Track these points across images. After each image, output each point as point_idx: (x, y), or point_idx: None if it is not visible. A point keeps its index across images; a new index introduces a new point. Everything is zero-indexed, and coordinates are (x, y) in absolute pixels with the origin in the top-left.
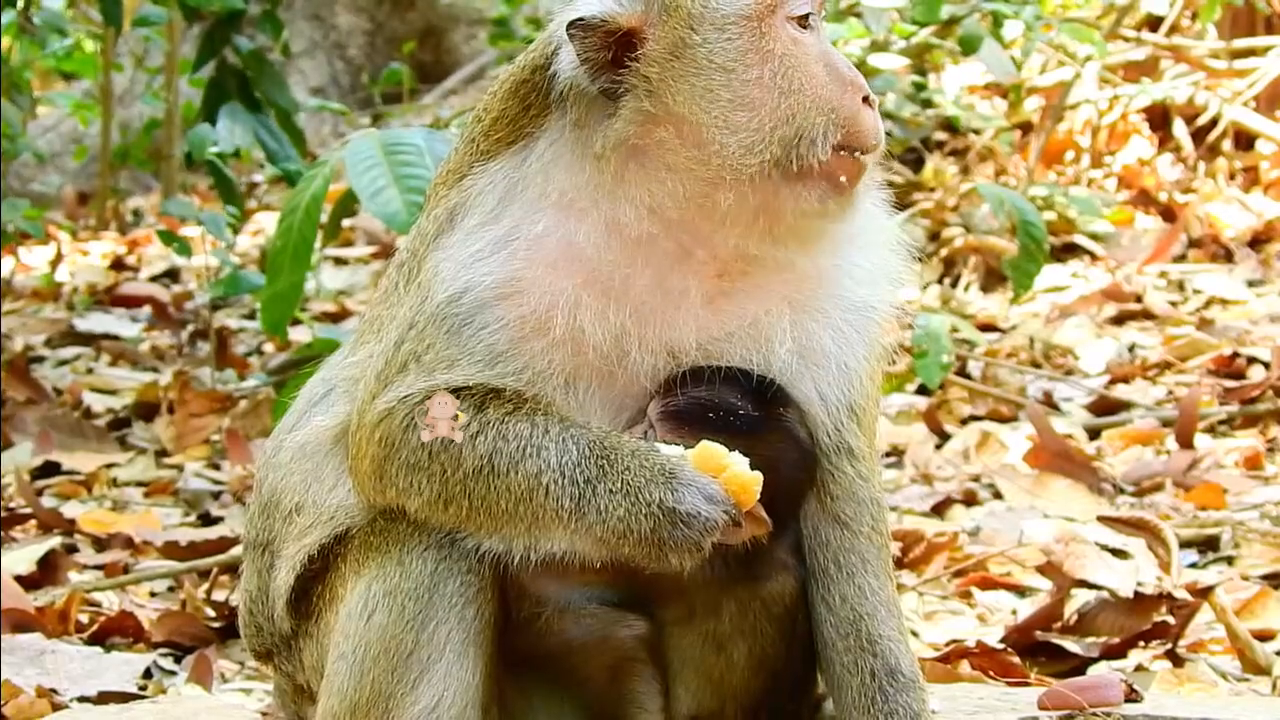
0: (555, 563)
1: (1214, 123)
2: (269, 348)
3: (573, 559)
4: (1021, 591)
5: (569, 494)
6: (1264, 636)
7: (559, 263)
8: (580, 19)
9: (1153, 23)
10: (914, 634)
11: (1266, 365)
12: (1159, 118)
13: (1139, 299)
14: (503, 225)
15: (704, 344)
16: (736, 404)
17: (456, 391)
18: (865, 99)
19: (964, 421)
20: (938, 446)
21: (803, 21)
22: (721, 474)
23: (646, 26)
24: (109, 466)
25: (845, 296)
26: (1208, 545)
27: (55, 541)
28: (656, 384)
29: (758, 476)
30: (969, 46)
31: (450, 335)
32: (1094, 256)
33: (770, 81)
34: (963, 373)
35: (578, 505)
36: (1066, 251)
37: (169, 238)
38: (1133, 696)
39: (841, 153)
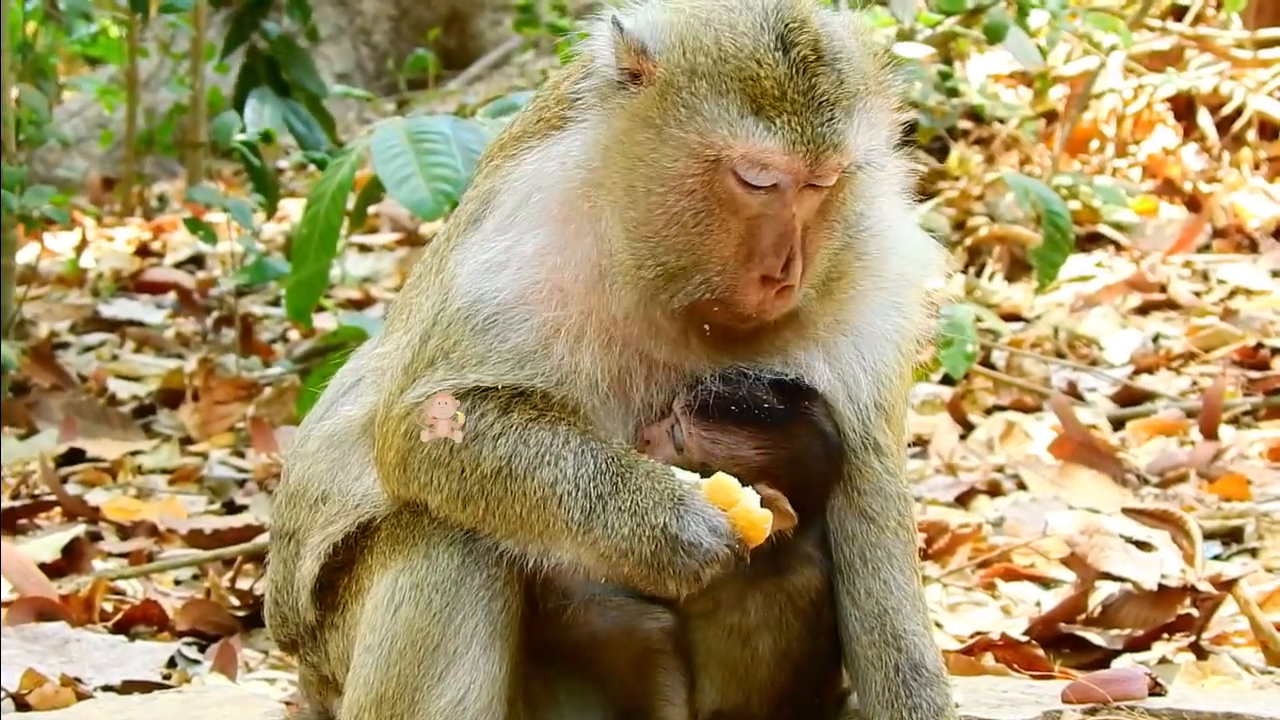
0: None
1: (1239, 112)
2: (294, 335)
3: (578, 571)
4: (1045, 583)
5: (580, 506)
6: None
7: (578, 279)
8: (620, 25)
9: (1178, 12)
10: (938, 625)
11: None
12: (1184, 107)
13: (1163, 289)
14: (514, 234)
15: (719, 368)
16: (762, 397)
17: (485, 392)
18: (767, 279)
19: (988, 412)
20: (962, 437)
21: (751, 187)
22: (732, 508)
23: (641, 81)
24: (133, 454)
25: (869, 300)
26: (1231, 537)
27: (79, 529)
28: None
29: (768, 515)
30: (994, 35)
31: (476, 334)
32: (1118, 246)
33: (678, 211)
34: (987, 363)
35: (586, 518)
36: (1091, 241)
37: (194, 224)
38: (1156, 689)
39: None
